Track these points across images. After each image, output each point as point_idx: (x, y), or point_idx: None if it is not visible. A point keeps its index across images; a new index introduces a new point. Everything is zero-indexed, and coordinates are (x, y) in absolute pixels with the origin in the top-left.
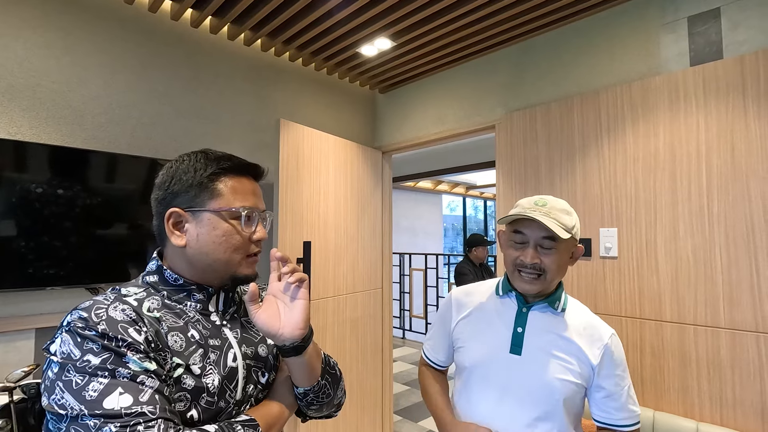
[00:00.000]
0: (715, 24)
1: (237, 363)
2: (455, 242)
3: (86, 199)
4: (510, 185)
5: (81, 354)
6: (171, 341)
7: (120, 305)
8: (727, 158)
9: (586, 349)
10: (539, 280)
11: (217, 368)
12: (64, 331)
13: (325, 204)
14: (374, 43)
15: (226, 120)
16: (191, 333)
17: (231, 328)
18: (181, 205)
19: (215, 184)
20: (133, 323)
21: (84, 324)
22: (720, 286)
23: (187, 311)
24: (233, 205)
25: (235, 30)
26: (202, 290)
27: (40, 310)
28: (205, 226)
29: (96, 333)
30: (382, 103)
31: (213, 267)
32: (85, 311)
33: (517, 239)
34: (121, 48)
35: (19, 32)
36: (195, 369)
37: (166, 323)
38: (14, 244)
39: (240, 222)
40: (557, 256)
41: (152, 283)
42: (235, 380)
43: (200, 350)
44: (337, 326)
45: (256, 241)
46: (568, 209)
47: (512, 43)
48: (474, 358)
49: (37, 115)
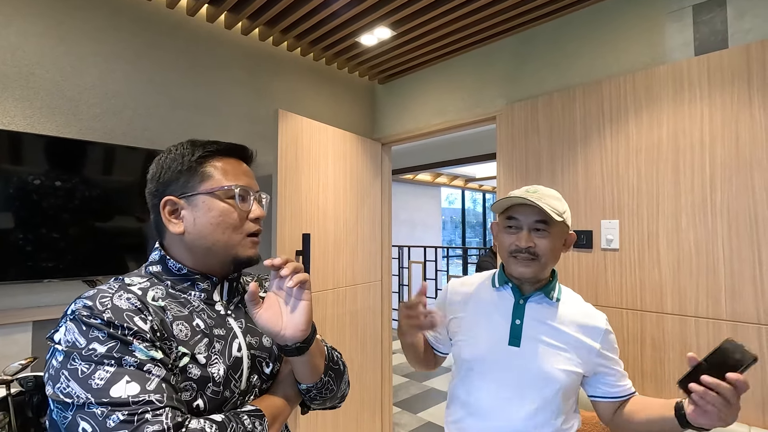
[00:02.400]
0: (721, 12)
1: (242, 353)
2: (454, 235)
3: (84, 191)
4: (511, 177)
5: (87, 342)
6: (176, 330)
7: (125, 294)
8: (731, 149)
9: (584, 337)
10: (534, 262)
11: (222, 358)
12: (68, 320)
13: (324, 196)
14: (374, 32)
15: (224, 110)
16: (196, 322)
17: (236, 317)
18: (174, 193)
19: (204, 167)
20: (139, 312)
21: (89, 312)
22: (722, 278)
23: (192, 301)
24: (224, 183)
25: (233, 19)
26: (207, 279)
27: (37, 302)
28: (201, 209)
29: (102, 321)
30: (381, 93)
31: (213, 250)
32: (89, 300)
33: (512, 224)
34: (115, 37)
35: (11, 19)
36: (200, 358)
37: (170, 312)
38: (11, 237)
39: (235, 200)
40: (550, 240)
41: (155, 273)
42: (239, 370)
43: (205, 339)
44: (336, 318)
45: (254, 219)
46: (558, 196)
47: (514, 32)
48: (473, 351)
49: (31, 105)
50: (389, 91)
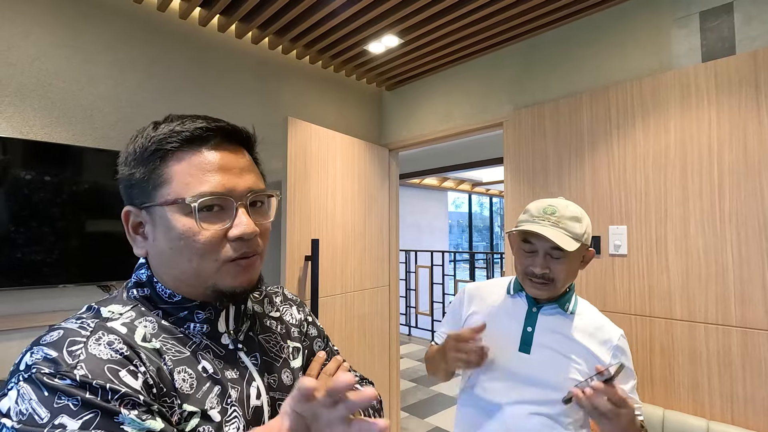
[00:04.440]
0: (728, 19)
1: (261, 400)
2: (461, 239)
3: (98, 197)
4: (518, 183)
5: (50, 415)
6: (178, 381)
7: (105, 336)
8: (739, 154)
9: (596, 350)
10: (548, 286)
11: (240, 410)
12: (21, 380)
13: (332, 201)
14: (381, 40)
15: (234, 117)
16: (202, 365)
17: (248, 352)
18: (134, 201)
19: (161, 166)
20: (127, 362)
21: (53, 368)
22: (731, 284)
23: (192, 336)
24: (181, 193)
25: (243, 28)
26: (207, 306)
27: (53, 307)
28: (159, 227)
29: (72, 382)
30: (389, 100)
31: (184, 281)
32: (53, 348)
33: (527, 248)
34: (129, 47)
35: (29, 31)
36: (214, 415)
37: (168, 356)
38: (27, 242)
39: (194, 216)
40: (567, 265)
41: (142, 299)
42: (260, 422)
43: (216, 387)
44: (345, 323)
45: (235, 239)
46: (578, 215)
47: (520, 39)
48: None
49: (49, 114)
50: (397, 98)
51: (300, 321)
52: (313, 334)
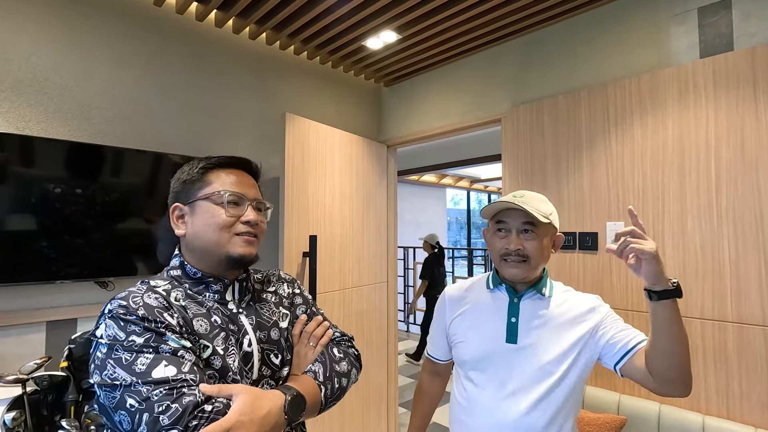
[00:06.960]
0: (726, 15)
1: (252, 348)
2: (459, 236)
3: (94, 193)
4: (516, 179)
5: (126, 335)
6: (197, 326)
7: (152, 294)
8: (736, 151)
9: (579, 324)
10: (524, 264)
11: (237, 350)
12: (107, 318)
13: (330, 198)
14: (379, 35)
15: (231, 114)
16: (214, 318)
17: (247, 314)
18: (181, 201)
19: (206, 176)
20: (166, 309)
21: (125, 310)
22: (728, 280)
23: (207, 301)
24: (217, 189)
25: (240, 23)
26: (219, 281)
27: (51, 303)
28: (198, 214)
29: (137, 317)
30: (387, 96)
31: (207, 249)
32: (123, 300)
33: (500, 228)
34: (126, 42)
35: (25, 27)
36: (220, 350)
37: (191, 311)
38: (24, 239)
39: (223, 204)
40: (538, 242)
41: (176, 277)
42: (250, 363)
43: (222, 333)
44: (343, 319)
45: (245, 222)
46: (544, 199)
47: (519, 35)
48: (472, 352)
49: (45, 110)
50: (395, 94)
51: (289, 294)
52: (299, 302)
